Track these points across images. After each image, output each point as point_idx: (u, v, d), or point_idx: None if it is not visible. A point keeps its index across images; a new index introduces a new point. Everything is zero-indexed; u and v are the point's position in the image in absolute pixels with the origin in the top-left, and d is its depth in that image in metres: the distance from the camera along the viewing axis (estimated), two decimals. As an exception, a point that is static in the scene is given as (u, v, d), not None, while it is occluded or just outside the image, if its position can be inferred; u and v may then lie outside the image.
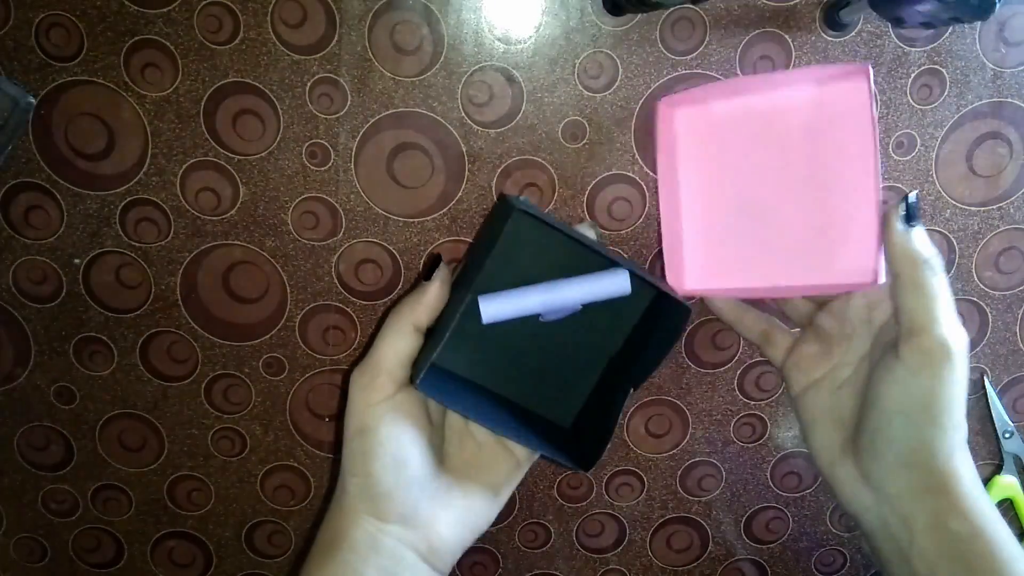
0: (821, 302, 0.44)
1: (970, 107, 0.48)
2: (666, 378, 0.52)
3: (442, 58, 0.45)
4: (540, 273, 0.44)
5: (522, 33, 0.45)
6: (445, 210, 0.47)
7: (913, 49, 0.46)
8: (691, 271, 0.46)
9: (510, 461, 0.44)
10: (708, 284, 0.46)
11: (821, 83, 0.42)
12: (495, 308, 0.43)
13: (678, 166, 0.46)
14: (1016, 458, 0.54)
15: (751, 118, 0.44)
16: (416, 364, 0.41)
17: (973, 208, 0.50)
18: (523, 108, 0.46)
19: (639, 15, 0.44)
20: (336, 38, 0.44)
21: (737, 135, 0.44)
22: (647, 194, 0.48)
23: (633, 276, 0.42)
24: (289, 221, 0.47)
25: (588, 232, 0.43)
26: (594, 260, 0.43)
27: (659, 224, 0.47)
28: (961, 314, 0.51)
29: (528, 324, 0.45)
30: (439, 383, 0.41)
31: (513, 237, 0.44)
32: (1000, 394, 0.53)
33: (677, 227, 0.46)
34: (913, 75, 0.47)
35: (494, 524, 0.41)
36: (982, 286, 0.51)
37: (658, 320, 0.44)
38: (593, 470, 0.43)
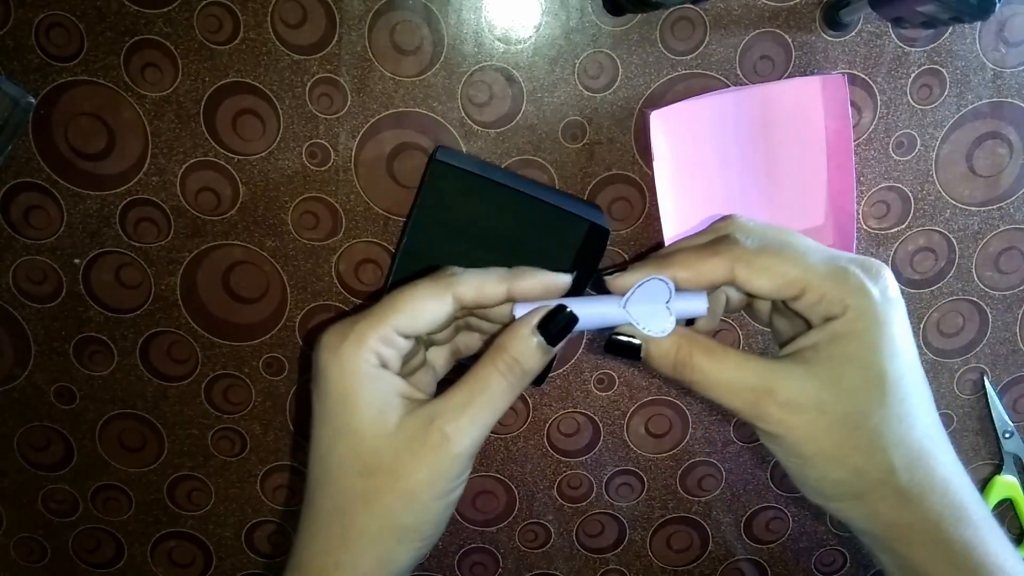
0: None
1: (970, 107, 0.48)
2: (666, 378, 0.52)
3: (442, 58, 0.45)
4: (474, 218, 0.45)
5: (522, 33, 0.45)
6: (445, 210, 0.47)
7: (913, 49, 0.46)
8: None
9: None
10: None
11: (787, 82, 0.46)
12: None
13: (660, 167, 0.47)
14: (1016, 458, 0.54)
15: (721, 113, 0.46)
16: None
17: (973, 208, 0.50)
18: (523, 108, 0.46)
19: (639, 15, 0.44)
20: (336, 38, 0.44)
21: (708, 130, 0.46)
22: (647, 194, 0.48)
23: (562, 210, 0.43)
24: (289, 221, 0.47)
25: None
26: (531, 200, 0.43)
27: (659, 224, 0.47)
28: (961, 314, 0.52)
29: (479, 258, 0.46)
30: None
31: (438, 187, 0.44)
32: (1000, 394, 0.53)
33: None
34: (913, 75, 0.47)
35: (494, 524, 0.41)
36: (982, 286, 0.51)
37: (591, 244, 0.44)
38: (546, 386, 0.47)
